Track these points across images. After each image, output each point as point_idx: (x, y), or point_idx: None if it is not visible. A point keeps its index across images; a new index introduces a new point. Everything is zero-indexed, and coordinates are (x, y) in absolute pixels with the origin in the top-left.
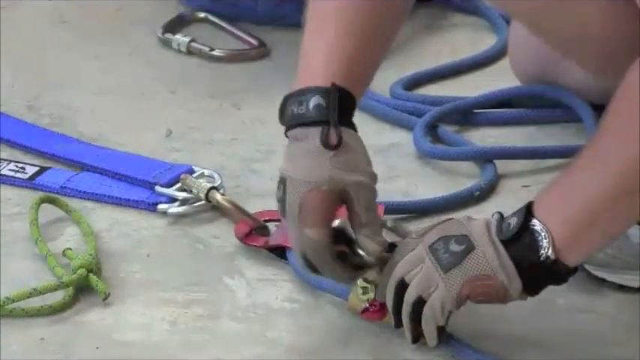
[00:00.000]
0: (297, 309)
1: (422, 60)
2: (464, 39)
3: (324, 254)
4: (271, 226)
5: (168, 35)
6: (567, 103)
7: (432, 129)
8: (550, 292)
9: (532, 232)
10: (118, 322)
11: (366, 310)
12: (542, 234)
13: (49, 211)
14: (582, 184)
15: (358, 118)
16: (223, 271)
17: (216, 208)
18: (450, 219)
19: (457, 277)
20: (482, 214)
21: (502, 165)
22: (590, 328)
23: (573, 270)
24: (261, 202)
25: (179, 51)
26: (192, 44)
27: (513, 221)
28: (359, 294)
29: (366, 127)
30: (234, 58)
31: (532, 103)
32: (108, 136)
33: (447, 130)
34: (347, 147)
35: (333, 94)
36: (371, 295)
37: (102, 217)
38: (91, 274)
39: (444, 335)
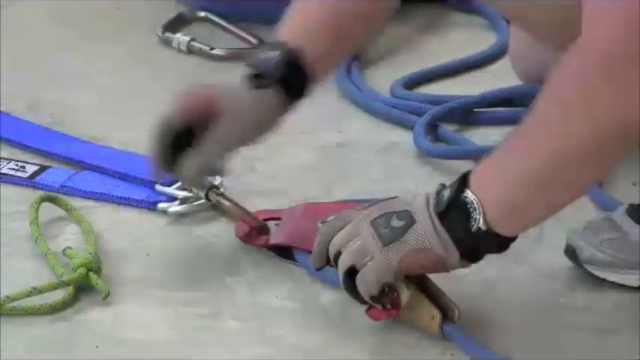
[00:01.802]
0: (297, 308)
1: (422, 59)
2: (464, 38)
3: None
4: (271, 225)
5: (169, 34)
6: None
7: (432, 128)
8: (552, 291)
9: (464, 204)
10: (118, 320)
11: (370, 308)
12: (474, 205)
13: (49, 210)
14: (513, 163)
15: (359, 116)
16: (223, 270)
17: (216, 207)
18: (396, 197)
19: (396, 250)
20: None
21: None
22: (590, 326)
23: (512, 238)
24: (261, 201)
25: (179, 50)
26: (193, 43)
27: (447, 193)
28: None
29: (366, 126)
30: (235, 57)
31: (532, 102)
32: (108, 135)
33: (447, 129)
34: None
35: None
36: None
37: (102, 216)
38: (91, 273)
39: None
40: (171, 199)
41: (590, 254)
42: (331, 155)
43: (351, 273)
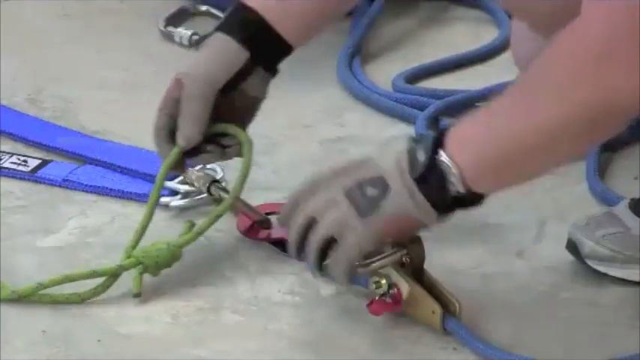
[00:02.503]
0: (298, 302)
1: (424, 53)
2: (466, 32)
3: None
4: (273, 219)
5: (171, 28)
6: None
7: (434, 122)
8: (553, 285)
9: (441, 169)
10: (120, 314)
11: (371, 303)
12: (452, 170)
13: (51, 203)
14: (498, 128)
15: (361, 110)
16: (225, 264)
17: (218, 202)
18: (364, 159)
19: (375, 220)
20: (484, 207)
21: None
22: (592, 321)
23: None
24: (263, 196)
25: (181, 44)
26: (195, 37)
27: (421, 157)
28: (372, 288)
29: (368, 120)
30: None
31: None
32: (110, 129)
33: (449, 123)
34: (209, 45)
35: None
36: (382, 290)
37: (104, 210)
38: (133, 269)
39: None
40: (173, 193)
41: (591, 249)
42: (333, 149)
43: (329, 242)
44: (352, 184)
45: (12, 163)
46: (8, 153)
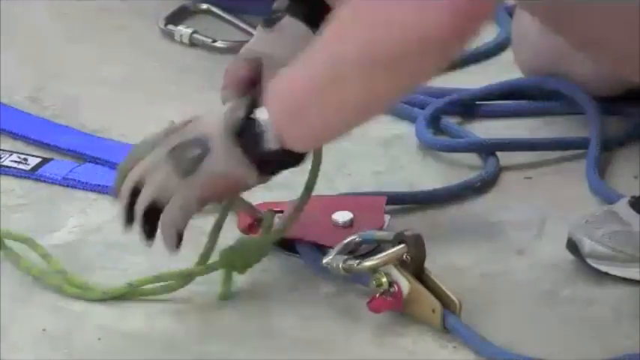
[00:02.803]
0: (299, 300)
1: None
2: None
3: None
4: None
5: (171, 27)
6: (569, 95)
7: (434, 121)
8: (553, 284)
9: (256, 124)
10: (121, 313)
11: (371, 300)
12: (265, 125)
13: (50, 201)
14: (298, 72)
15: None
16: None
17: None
18: (192, 118)
19: (195, 182)
20: (484, 206)
21: (504, 157)
22: (592, 320)
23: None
24: (264, 194)
25: (181, 42)
26: (195, 36)
27: (241, 113)
28: (373, 286)
29: None
30: (237, 49)
31: (534, 95)
32: (110, 128)
33: (449, 121)
34: (282, 29)
35: None
36: (383, 288)
37: (104, 209)
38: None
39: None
40: None
41: (591, 248)
42: (333, 147)
43: (153, 210)
44: (176, 145)
45: (12, 161)
46: (8, 151)
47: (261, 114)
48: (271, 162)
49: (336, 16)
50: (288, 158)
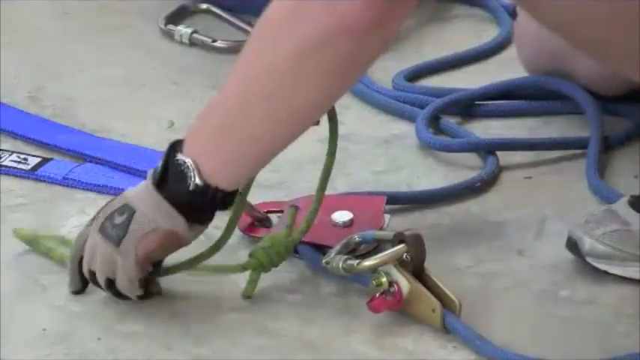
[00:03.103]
0: (299, 300)
1: (424, 51)
2: (466, 30)
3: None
4: (273, 217)
5: (171, 26)
6: (570, 95)
7: (434, 120)
8: (553, 283)
9: (177, 166)
10: (120, 312)
11: (371, 300)
12: (186, 164)
13: (50, 201)
14: (209, 109)
15: (361, 109)
16: (225, 261)
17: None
18: (117, 196)
19: (129, 245)
20: (484, 205)
21: (504, 156)
22: (592, 319)
23: (235, 192)
24: (263, 194)
25: (181, 42)
26: (195, 35)
27: (160, 163)
28: (373, 286)
29: (368, 118)
30: (237, 49)
31: (534, 94)
32: (110, 128)
33: (449, 121)
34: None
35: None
36: (383, 287)
37: None
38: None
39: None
40: None
41: (591, 247)
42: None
43: (111, 284)
44: (103, 219)
45: (12, 161)
46: (8, 151)
47: (181, 154)
48: (199, 206)
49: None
50: (216, 197)
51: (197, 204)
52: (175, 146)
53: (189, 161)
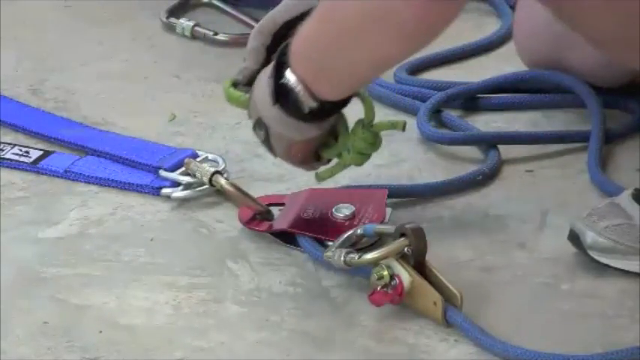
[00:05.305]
0: (300, 293)
1: None
2: (468, 24)
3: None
4: (275, 210)
5: (172, 19)
6: (571, 88)
7: (435, 114)
8: (554, 277)
9: (290, 91)
10: (122, 306)
11: (372, 294)
12: (297, 89)
13: (52, 195)
14: (312, 30)
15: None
16: (227, 255)
17: (219, 193)
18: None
19: (280, 153)
20: (486, 198)
21: (506, 150)
22: (593, 313)
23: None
24: (265, 187)
25: (183, 35)
26: (196, 28)
27: (272, 85)
28: (374, 279)
29: None
30: (238, 42)
31: (536, 88)
32: (112, 121)
33: (450, 114)
34: None
35: None
36: (384, 281)
37: (106, 201)
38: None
39: None
40: (175, 184)
41: (593, 240)
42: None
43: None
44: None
45: (14, 154)
46: (10, 144)
47: (290, 78)
48: (320, 115)
49: None
50: (333, 107)
51: (317, 115)
52: (283, 57)
53: (297, 85)
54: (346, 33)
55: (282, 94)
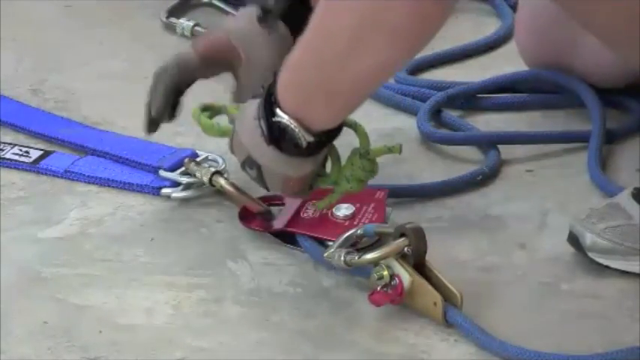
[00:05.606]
0: (300, 293)
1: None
2: (468, 24)
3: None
4: (275, 210)
5: (172, 19)
6: (571, 88)
7: (436, 114)
8: (554, 277)
9: (283, 129)
10: (122, 305)
11: (372, 293)
12: (291, 126)
13: (52, 195)
14: (302, 57)
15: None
16: (227, 255)
17: (219, 193)
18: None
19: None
20: (485, 199)
21: (505, 150)
22: (593, 312)
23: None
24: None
25: (183, 35)
26: (196, 28)
27: (264, 126)
28: (374, 279)
29: (370, 111)
30: None
31: (536, 88)
32: (111, 120)
33: (450, 114)
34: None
35: None
36: (384, 281)
37: (106, 201)
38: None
39: None
40: (175, 184)
41: (592, 241)
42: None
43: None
44: (242, 160)
45: (14, 154)
46: (10, 144)
47: (282, 115)
48: (317, 148)
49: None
50: (329, 137)
51: (314, 149)
52: (271, 98)
53: (291, 121)
54: (343, 47)
55: (275, 133)
